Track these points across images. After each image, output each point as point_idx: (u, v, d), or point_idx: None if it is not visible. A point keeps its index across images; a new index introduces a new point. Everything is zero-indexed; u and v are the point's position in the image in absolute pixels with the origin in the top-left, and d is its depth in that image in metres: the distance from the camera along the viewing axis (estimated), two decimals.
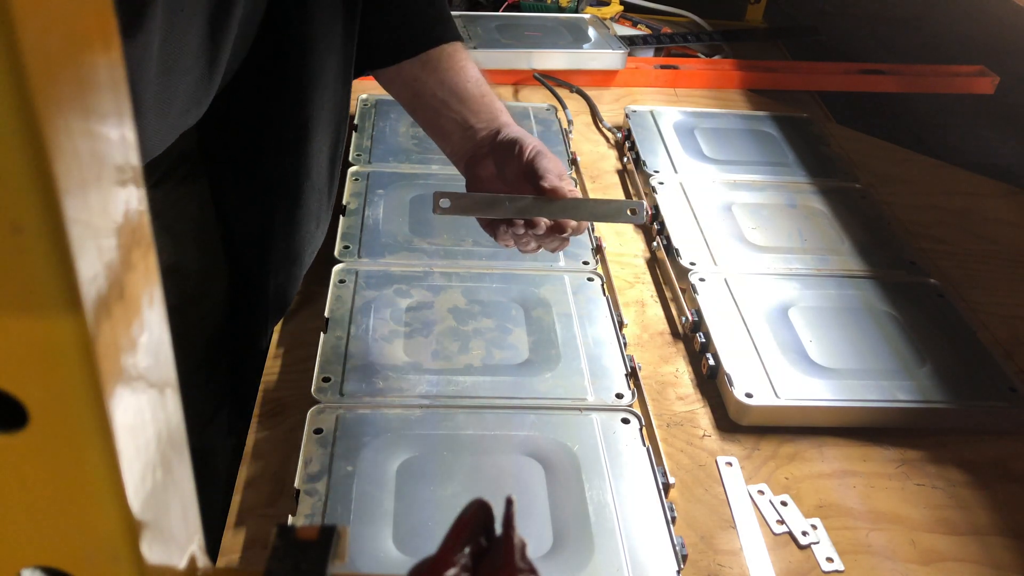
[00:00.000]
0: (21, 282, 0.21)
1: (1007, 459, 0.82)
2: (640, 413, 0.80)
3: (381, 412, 0.78)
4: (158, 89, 0.69)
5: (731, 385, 0.83)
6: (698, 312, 0.92)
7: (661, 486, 0.73)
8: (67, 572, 0.26)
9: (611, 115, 1.37)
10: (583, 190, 1.14)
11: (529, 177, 0.77)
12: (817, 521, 0.74)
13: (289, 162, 0.83)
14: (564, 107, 1.35)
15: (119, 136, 0.23)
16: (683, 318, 0.94)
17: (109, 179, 0.23)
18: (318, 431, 0.76)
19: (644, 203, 0.78)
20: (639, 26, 1.68)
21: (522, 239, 0.78)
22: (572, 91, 1.42)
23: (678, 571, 0.67)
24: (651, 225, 1.09)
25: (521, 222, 0.77)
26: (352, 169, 1.12)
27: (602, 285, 0.96)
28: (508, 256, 0.99)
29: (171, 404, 0.29)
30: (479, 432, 0.77)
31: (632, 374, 0.84)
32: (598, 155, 1.28)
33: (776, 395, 0.82)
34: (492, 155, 0.81)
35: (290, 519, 0.68)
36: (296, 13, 0.78)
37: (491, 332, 0.88)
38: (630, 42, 1.55)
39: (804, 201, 1.13)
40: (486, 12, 1.62)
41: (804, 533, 0.73)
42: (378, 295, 0.91)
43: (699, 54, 1.62)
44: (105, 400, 0.23)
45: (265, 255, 0.87)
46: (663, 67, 1.50)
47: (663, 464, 0.76)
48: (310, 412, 0.77)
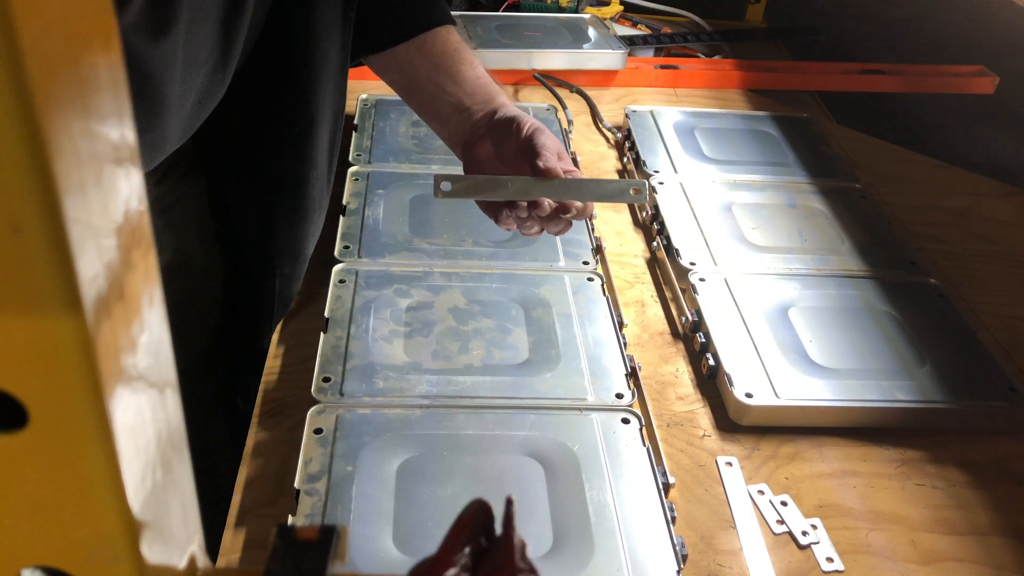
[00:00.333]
0: (21, 282, 0.21)
1: (1007, 459, 0.82)
2: (640, 413, 0.80)
3: (381, 412, 0.78)
4: (180, 83, 0.69)
5: (731, 385, 0.83)
6: (698, 312, 0.92)
7: (661, 486, 0.73)
8: (67, 572, 0.26)
9: (611, 115, 1.37)
10: None
11: (527, 154, 0.76)
12: (817, 521, 0.74)
13: (294, 156, 0.83)
14: (564, 107, 1.35)
15: (119, 136, 0.23)
16: (683, 318, 0.94)
17: (109, 179, 0.23)
18: (318, 431, 0.76)
19: (647, 183, 0.77)
20: (639, 26, 1.68)
21: (525, 222, 0.77)
22: (572, 91, 1.42)
23: (678, 571, 0.67)
24: (651, 225, 1.09)
25: (524, 204, 0.75)
26: (352, 169, 1.12)
27: (602, 285, 0.96)
28: (508, 256, 0.99)
29: (171, 404, 0.29)
30: (479, 432, 0.77)
31: (632, 374, 0.84)
32: (598, 155, 1.28)
33: (776, 395, 0.82)
34: (490, 135, 0.81)
35: (290, 519, 0.68)
36: (298, 7, 0.78)
37: (491, 332, 0.88)
38: (630, 42, 1.55)
39: (804, 201, 1.13)
40: (486, 12, 1.62)
41: (804, 533, 0.73)
42: (378, 295, 0.91)
43: (699, 54, 1.62)
44: (105, 400, 0.23)
45: (270, 250, 0.87)
46: (663, 67, 1.50)
47: (663, 464, 0.76)
48: (310, 412, 0.77)
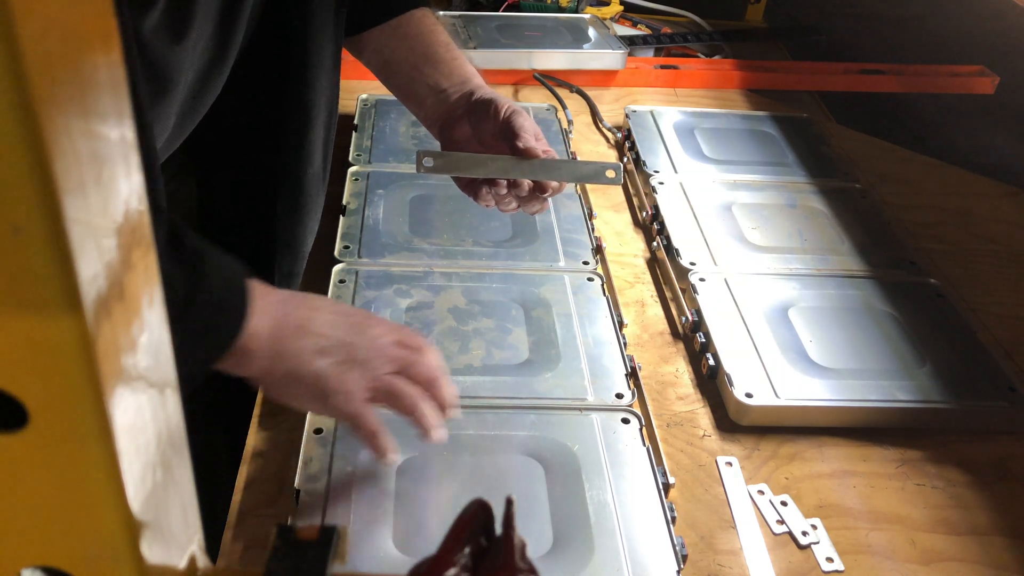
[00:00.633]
0: (21, 282, 0.21)
1: (1007, 459, 0.82)
2: (640, 413, 0.80)
3: (381, 411, 0.78)
4: (193, 83, 0.70)
5: (731, 385, 0.83)
6: (698, 312, 0.92)
7: (661, 486, 0.73)
8: (67, 572, 0.26)
9: (611, 115, 1.37)
10: (583, 189, 1.14)
11: (505, 136, 0.77)
12: (817, 521, 0.74)
13: (290, 151, 0.83)
14: (564, 107, 1.35)
15: (119, 136, 0.23)
16: (683, 318, 0.94)
17: (109, 179, 0.23)
18: (318, 431, 0.76)
19: (622, 165, 0.81)
20: (639, 26, 1.68)
21: (504, 199, 0.79)
22: (572, 91, 1.42)
23: (678, 571, 0.67)
24: (651, 225, 1.09)
25: (504, 182, 0.78)
26: (352, 169, 1.12)
27: (602, 285, 0.96)
28: (508, 256, 0.99)
29: (171, 404, 0.29)
30: (479, 432, 0.77)
31: (632, 374, 0.84)
32: (598, 155, 1.28)
33: (776, 395, 0.82)
34: (467, 116, 0.82)
35: (290, 519, 0.68)
36: (295, 2, 0.78)
37: (491, 332, 0.88)
38: (630, 42, 1.55)
39: (804, 201, 1.13)
40: (486, 12, 1.62)
41: (804, 533, 0.73)
42: (378, 295, 0.91)
43: (699, 54, 1.62)
44: (105, 400, 0.23)
45: (269, 247, 0.87)
46: (663, 67, 1.50)
47: (663, 464, 0.76)
48: (310, 412, 0.77)
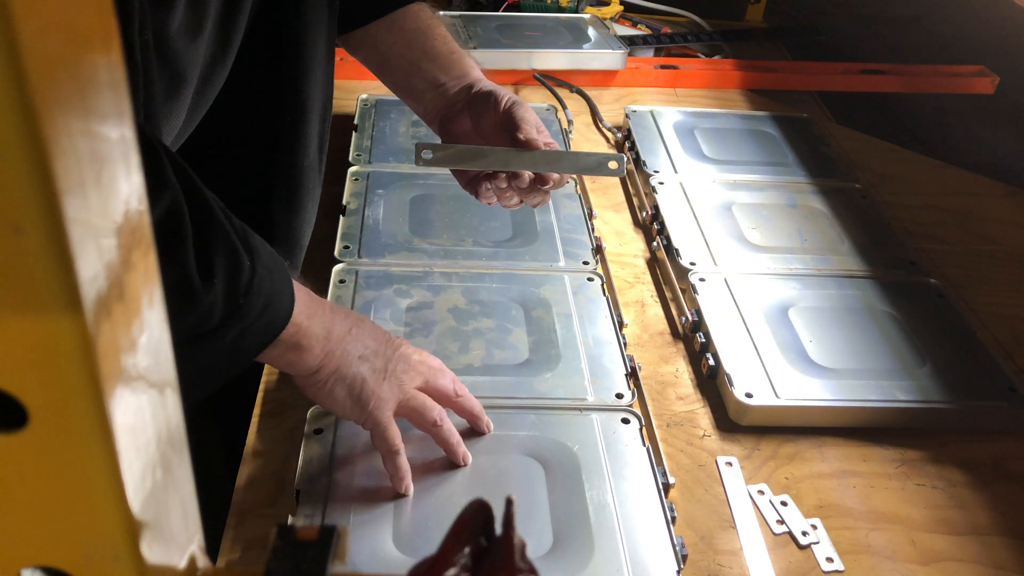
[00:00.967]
0: (21, 282, 0.21)
1: (1007, 459, 0.82)
2: (640, 413, 0.80)
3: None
4: (199, 79, 0.70)
5: (731, 385, 0.83)
6: (698, 312, 0.92)
7: (661, 486, 0.73)
8: (67, 572, 0.26)
9: (611, 115, 1.37)
10: (583, 190, 1.14)
11: (506, 127, 0.77)
12: (817, 521, 0.74)
13: (286, 145, 0.83)
14: (564, 107, 1.35)
15: (119, 136, 0.23)
16: (683, 318, 0.94)
17: (109, 179, 0.23)
18: (318, 431, 0.76)
19: (625, 156, 0.79)
20: (639, 26, 1.68)
21: (505, 193, 0.79)
22: (572, 91, 1.42)
23: (678, 571, 0.67)
24: (651, 225, 1.09)
25: (504, 175, 0.77)
26: (352, 169, 1.12)
27: (602, 285, 0.96)
28: (508, 256, 0.99)
29: (171, 404, 0.28)
30: (479, 432, 0.77)
31: (632, 374, 0.84)
32: None
33: (776, 395, 0.82)
34: (468, 109, 0.82)
35: (290, 519, 0.68)
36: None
37: (491, 332, 0.88)
38: (630, 42, 1.55)
39: (804, 201, 1.13)
40: (486, 12, 1.62)
41: (804, 533, 0.73)
42: (378, 295, 0.91)
43: (699, 54, 1.62)
44: (105, 400, 0.23)
45: (266, 239, 0.87)
46: (663, 67, 1.50)
47: (663, 464, 0.76)
48: (310, 412, 0.77)
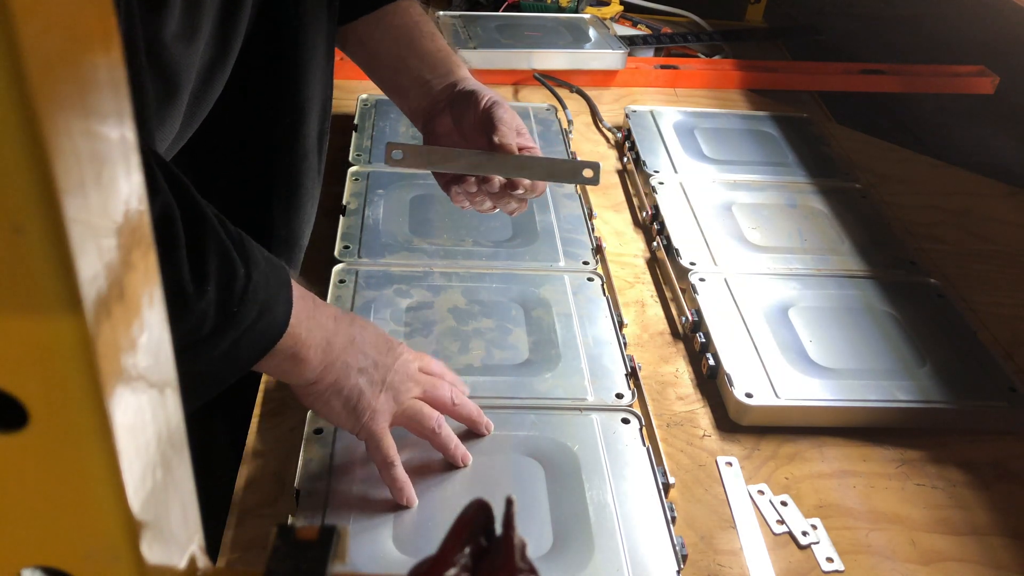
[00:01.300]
0: (21, 282, 0.21)
1: (1007, 459, 0.82)
2: (640, 413, 0.80)
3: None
4: (197, 84, 0.69)
5: (731, 385, 0.83)
6: (698, 312, 0.92)
7: (661, 486, 0.73)
8: (67, 572, 0.26)
9: (611, 115, 1.37)
10: (583, 189, 1.14)
11: (485, 128, 0.76)
12: (817, 521, 0.74)
13: (285, 146, 0.83)
14: (564, 107, 1.35)
15: (119, 136, 0.23)
16: (683, 318, 0.94)
17: (109, 179, 0.23)
18: (318, 431, 0.76)
19: (600, 164, 0.77)
20: (639, 26, 1.68)
21: (475, 197, 0.78)
22: (572, 91, 1.42)
23: (678, 571, 0.67)
24: (651, 225, 1.09)
25: (473, 179, 0.76)
26: (352, 169, 1.12)
27: (602, 285, 0.96)
28: (508, 256, 0.99)
29: (171, 404, 0.28)
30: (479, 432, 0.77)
31: (632, 374, 0.84)
32: (598, 155, 1.28)
33: (776, 395, 0.82)
34: (449, 109, 0.81)
35: (290, 519, 0.68)
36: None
37: (491, 332, 0.88)
38: (630, 42, 1.55)
39: (804, 201, 1.13)
40: (486, 12, 1.62)
41: (804, 533, 0.73)
42: (378, 295, 0.91)
43: (699, 54, 1.62)
44: (105, 400, 0.23)
45: (266, 242, 0.87)
46: (663, 67, 1.50)
47: (663, 464, 0.76)
48: (310, 412, 0.77)
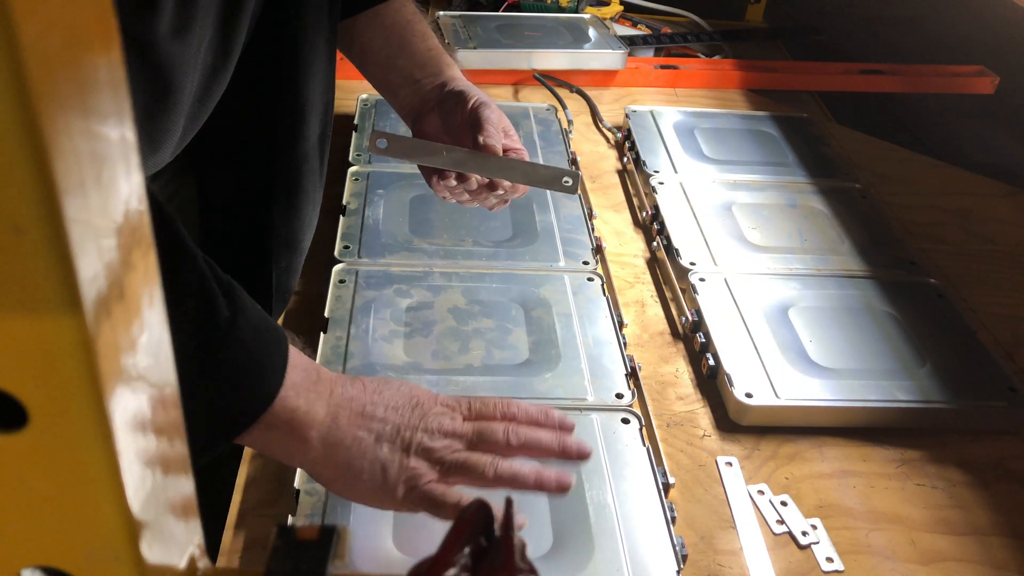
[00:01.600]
0: (21, 282, 0.21)
1: (1007, 459, 0.82)
2: (640, 413, 0.80)
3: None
4: (198, 86, 0.69)
5: (731, 385, 0.83)
6: (698, 312, 0.92)
7: (661, 486, 0.73)
8: (67, 572, 0.26)
9: (611, 115, 1.37)
10: (583, 189, 1.14)
11: (471, 128, 0.77)
12: (817, 521, 0.74)
13: (286, 149, 0.83)
14: (564, 107, 1.35)
15: (119, 136, 0.23)
16: (683, 318, 0.94)
17: (109, 179, 0.23)
18: None
19: (580, 173, 0.80)
20: (639, 26, 1.68)
21: (455, 191, 0.80)
22: (572, 91, 1.42)
23: (678, 571, 0.67)
24: (651, 225, 1.09)
25: (453, 175, 0.78)
26: (352, 169, 1.12)
27: (602, 285, 0.96)
28: (508, 256, 0.99)
29: (171, 404, 0.29)
30: None
31: (632, 374, 0.84)
32: (598, 155, 1.28)
33: (776, 395, 0.82)
34: (438, 108, 0.82)
35: (290, 519, 0.68)
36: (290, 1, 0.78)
37: (491, 332, 0.88)
38: (630, 42, 1.55)
39: (804, 201, 1.13)
40: (486, 12, 1.62)
41: (804, 533, 0.73)
42: (378, 295, 0.91)
43: (699, 54, 1.62)
44: (105, 400, 0.23)
45: (267, 244, 0.87)
46: (663, 67, 1.50)
47: (663, 464, 0.76)
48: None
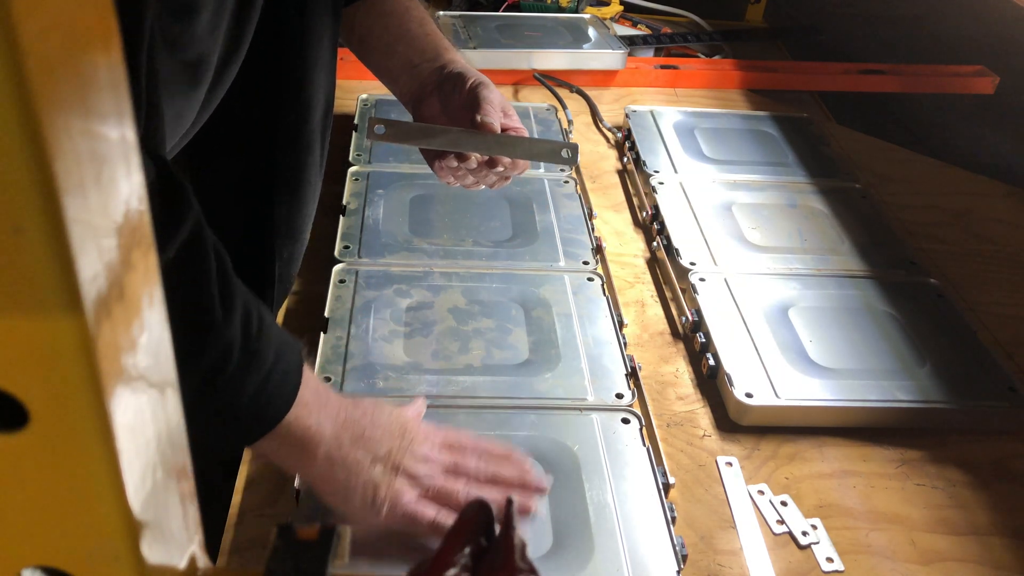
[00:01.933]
0: (21, 282, 0.21)
1: (1007, 459, 0.82)
2: (640, 413, 0.80)
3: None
4: (212, 77, 0.69)
5: (731, 385, 0.83)
6: (698, 312, 0.92)
7: (661, 486, 0.73)
8: (67, 572, 0.26)
9: (611, 115, 1.37)
10: (583, 189, 1.14)
11: (470, 108, 0.78)
12: (817, 521, 0.74)
13: (289, 141, 0.83)
14: (564, 107, 1.35)
15: (119, 136, 0.23)
16: (683, 318, 0.94)
17: (109, 179, 0.23)
18: None
19: (578, 145, 0.81)
20: (639, 26, 1.68)
21: (456, 172, 0.80)
22: (572, 91, 1.42)
23: (678, 571, 0.67)
24: (651, 225, 1.09)
25: (452, 155, 0.78)
26: (352, 169, 1.12)
27: (602, 285, 0.96)
28: (508, 256, 0.99)
29: (171, 404, 0.29)
30: (479, 432, 0.77)
31: (632, 374, 0.84)
32: (598, 155, 1.28)
33: (776, 395, 0.82)
34: (437, 91, 0.82)
35: (290, 519, 0.68)
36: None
37: (491, 332, 0.88)
38: (630, 42, 1.55)
39: (804, 201, 1.13)
40: (486, 12, 1.62)
41: (804, 533, 0.73)
42: (378, 295, 0.91)
43: (699, 54, 1.62)
44: (105, 400, 0.23)
45: (269, 235, 0.87)
46: (663, 67, 1.50)
47: (663, 464, 0.76)
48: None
